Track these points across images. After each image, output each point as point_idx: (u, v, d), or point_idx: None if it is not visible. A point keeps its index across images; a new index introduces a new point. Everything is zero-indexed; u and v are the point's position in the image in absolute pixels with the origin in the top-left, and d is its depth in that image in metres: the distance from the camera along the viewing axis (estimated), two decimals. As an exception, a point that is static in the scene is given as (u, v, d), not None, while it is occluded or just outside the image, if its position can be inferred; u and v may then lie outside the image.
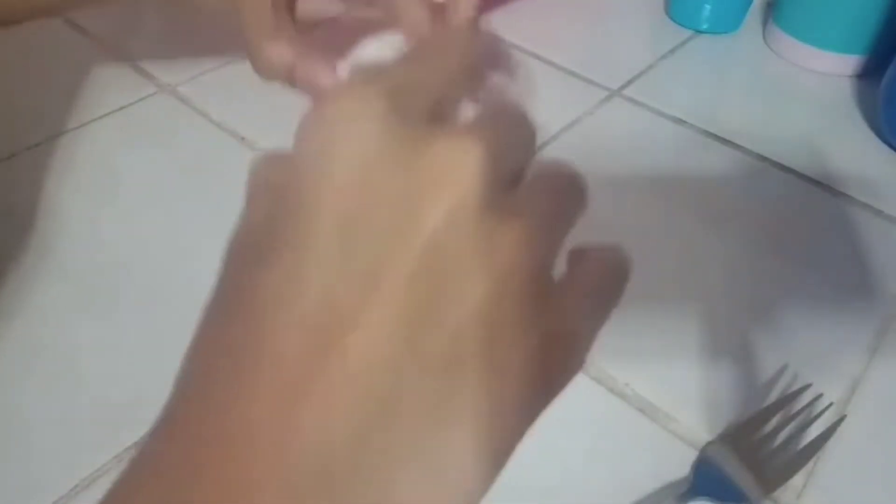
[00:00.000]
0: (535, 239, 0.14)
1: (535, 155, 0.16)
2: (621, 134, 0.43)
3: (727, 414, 0.29)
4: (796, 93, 0.47)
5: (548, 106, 0.44)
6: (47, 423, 0.28)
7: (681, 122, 0.44)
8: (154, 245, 0.36)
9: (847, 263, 0.35)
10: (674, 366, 0.31)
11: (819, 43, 0.48)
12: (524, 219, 0.13)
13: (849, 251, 0.36)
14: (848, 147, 0.42)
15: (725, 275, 0.35)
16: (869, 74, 0.47)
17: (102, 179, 0.40)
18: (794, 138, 0.43)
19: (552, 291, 0.14)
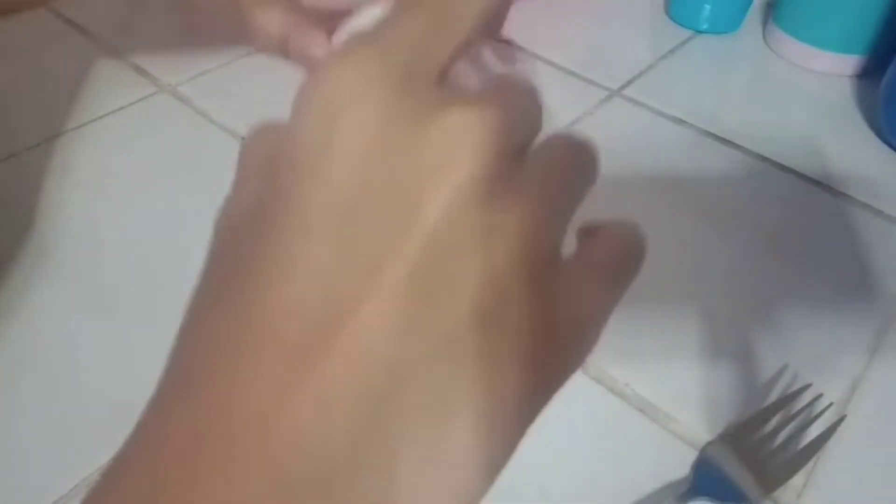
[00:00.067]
0: (543, 223, 0.13)
1: (542, 128, 0.15)
2: (621, 134, 0.43)
3: (727, 414, 0.29)
4: (796, 93, 0.47)
5: (548, 106, 0.44)
6: (47, 423, 0.28)
7: (681, 122, 0.44)
8: (153, 245, 0.36)
9: (847, 263, 0.35)
10: (674, 366, 0.31)
11: (819, 43, 0.48)
12: (531, 202, 0.13)
13: (849, 251, 0.36)
14: (848, 147, 0.42)
15: (725, 275, 0.35)
16: (869, 74, 0.47)
17: (102, 179, 0.40)
18: (794, 138, 0.43)
19: (559, 275, 0.13)
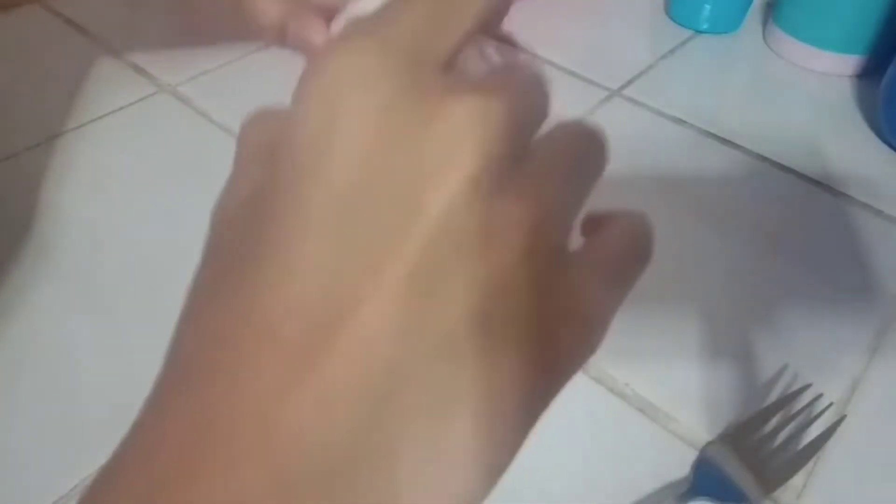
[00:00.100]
0: (547, 220, 0.12)
1: (548, 115, 0.14)
2: (621, 134, 0.43)
3: (727, 414, 0.29)
4: (796, 93, 0.47)
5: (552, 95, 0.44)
6: (47, 423, 0.28)
7: (681, 122, 0.44)
8: (153, 245, 0.36)
9: (847, 263, 0.35)
10: (674, 366, 0.31)
11: (819, 43, 0.48)
12: (536, 199, 0.12)
13: (849, 251, 0.36)
14: (848, 147, 0.42)
15: (725, 275, 0.35)
16: (869, 74, 0.47)
17: (102, 180, 0.40)
18: (794, 138, 0.43)
19: (563, 273, 0.13)
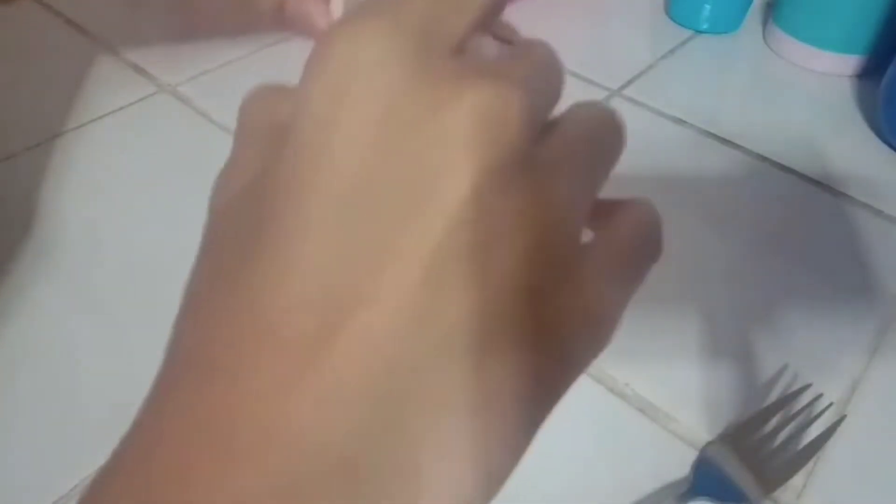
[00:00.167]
0: (565, 213, 0.12)
1: (561, 94, 0.14)
2: (621, 134, 0.43)
3: (727, 414, 0.29)
4: (796, 93, 0.47)
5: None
6: (47, 423, 0.28)
7: (681, 122, 0.44)
8: (153, 245, 0.36)
9: (847, 263, 0.35)
10: (674, 366, 0.31)
11: (819, 43, 0.48)
12: (553, 192, 0.12)
13: (849, 251, 0.36)
14: (848, 147, 0.42)
15: (725, 275, 0.35)
16: (869, 74, 0.47)
17: (102, 180, 0.40)
18: (794, 138, 0.43)
19: (577, 268, 0.12)
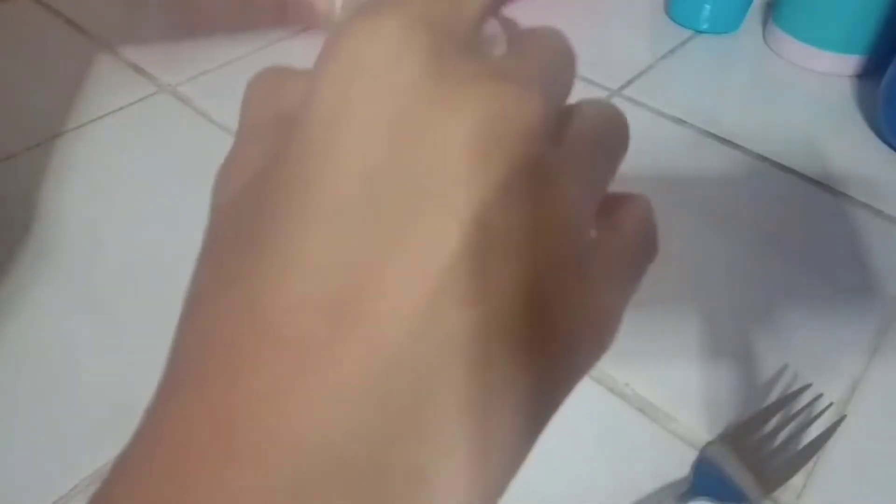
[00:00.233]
0: (578, 212, 0.12)
1: (573, 85, 0.13)
2: (621, 134, 0.43)
3: (727, 414, 0.29)
4: (796, 93, 0.47)
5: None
6: (47, 423, 0.28)
7: (681, 122, 0.44)
8: (153, 245, 0.36)
9: (847, 263, 0.35)
10: (674, 366, 0.31)
11: (819, 43, 0.48)
12: (566, 197, 0.12)
13: (849, 251, 0.36)
14: (848, 147, 0.42)
15: (725, 275, 0.35)
16: (869, 74, 0.47)
17: (102, 180, 0.40)
18: (794, 138, 0.43)
19: (584, 271, 0.12)
